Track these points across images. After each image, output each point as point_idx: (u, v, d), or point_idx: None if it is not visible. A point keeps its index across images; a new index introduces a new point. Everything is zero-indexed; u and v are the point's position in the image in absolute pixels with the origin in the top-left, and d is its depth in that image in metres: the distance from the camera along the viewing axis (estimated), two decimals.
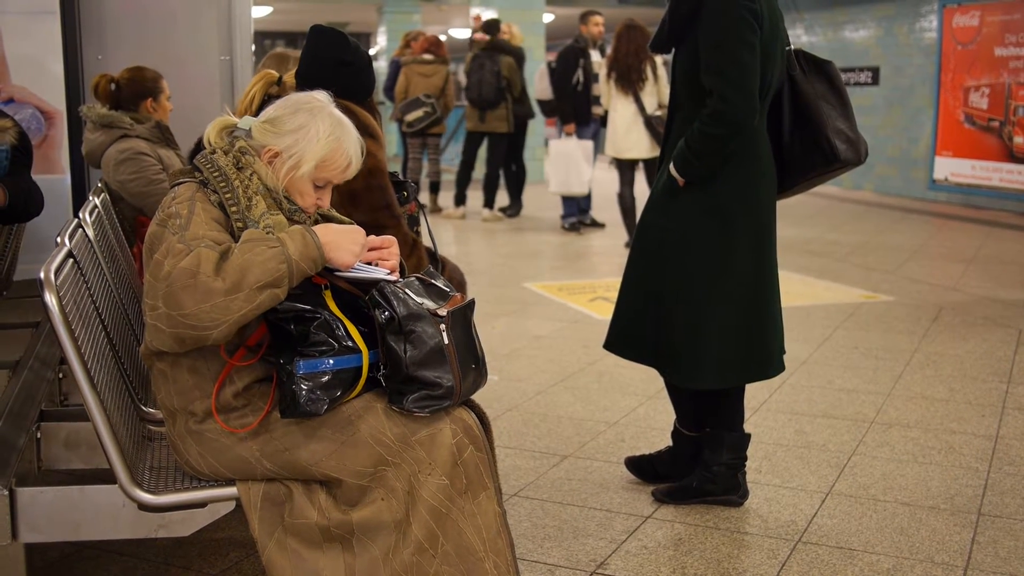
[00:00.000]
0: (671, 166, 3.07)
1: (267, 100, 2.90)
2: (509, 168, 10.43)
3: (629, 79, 8.00)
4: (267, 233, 2.09)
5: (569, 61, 9.11)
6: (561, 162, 9.18)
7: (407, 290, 2.16)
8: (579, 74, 9.05)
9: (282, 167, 2.19)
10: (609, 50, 8.32)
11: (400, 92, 10.09)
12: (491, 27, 10.09)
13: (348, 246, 2.13)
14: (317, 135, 2.19)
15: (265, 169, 2.19)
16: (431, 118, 9.99)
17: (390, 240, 2.27)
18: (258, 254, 2.01)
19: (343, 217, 2.37)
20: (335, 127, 2.21)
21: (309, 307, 2.07)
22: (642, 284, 3.18)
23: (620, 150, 8.21)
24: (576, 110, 9.13)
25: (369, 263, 2.21)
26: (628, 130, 8.05)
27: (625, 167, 8.36)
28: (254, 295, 1.99)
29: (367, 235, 2.22)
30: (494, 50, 9.86)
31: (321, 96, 2.27)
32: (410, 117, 9.99)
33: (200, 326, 1.99)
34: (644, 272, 3.18)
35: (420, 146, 10.28)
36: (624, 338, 3.25)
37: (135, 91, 4.02)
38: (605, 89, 8.27)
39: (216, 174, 2.17)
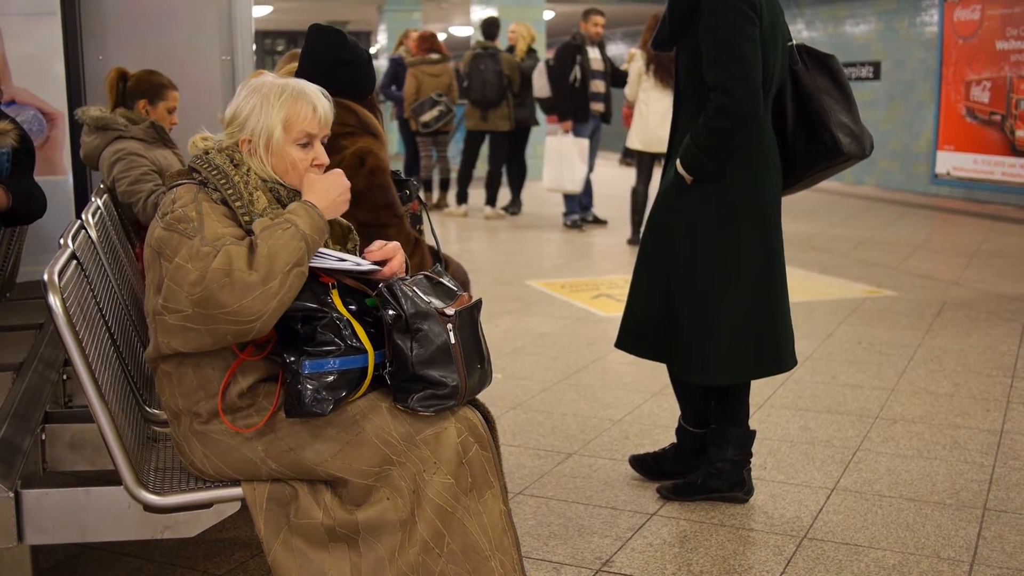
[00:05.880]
0: (678, 164, 3.07)
1: None
2: (511, 166, 10.43)
3: (671, 71, 7.94)
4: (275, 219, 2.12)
5: (565, 58, 9.04)
6: (555, 159, 9.14)
7: (415, 288, 2.15)
8: (576, 71, 9.00)
9: (259, 149, 2.21)
10: (641, 41, 8.20)
11: (411, 94, 10.05)
12: (488, 28, 10.01)
13: (337, 198, 2.21)
14: (270, 103, 2.21)
15: (256, 162, 2.22)
16: (446, 117, 10.00)
17: (393, 248, 2.26)
18: (278, 238, 2.05)
19: (340, 218, 2.36)
20: (283, 88, 2.24)
21: (316, 307, 2.07)
22: (652, 281, 3.18)
23: (650, 143, 8.00)
24: (573, 107, 9.10)
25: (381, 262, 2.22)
26: (662, 123, 7.92)
27: (645, 162, 8.24)
28: (286, 278, 2.03)
29: (372, 238, 2.22)
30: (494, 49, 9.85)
31: (265, 75, 2.31)
32: (426, 117, 9.97)
33: (244, 320, 2.01)
34: (654, 268, 3.17)
35: (431, 144, 10.28)
36: (635, 336, 3.24)
37: (137, 90, 4.02)
38: (636, 81, 8.15)
39: (215, 172, 2.17)
